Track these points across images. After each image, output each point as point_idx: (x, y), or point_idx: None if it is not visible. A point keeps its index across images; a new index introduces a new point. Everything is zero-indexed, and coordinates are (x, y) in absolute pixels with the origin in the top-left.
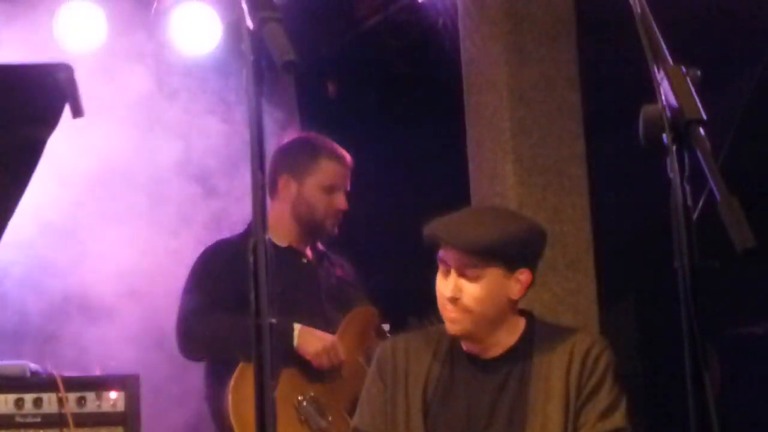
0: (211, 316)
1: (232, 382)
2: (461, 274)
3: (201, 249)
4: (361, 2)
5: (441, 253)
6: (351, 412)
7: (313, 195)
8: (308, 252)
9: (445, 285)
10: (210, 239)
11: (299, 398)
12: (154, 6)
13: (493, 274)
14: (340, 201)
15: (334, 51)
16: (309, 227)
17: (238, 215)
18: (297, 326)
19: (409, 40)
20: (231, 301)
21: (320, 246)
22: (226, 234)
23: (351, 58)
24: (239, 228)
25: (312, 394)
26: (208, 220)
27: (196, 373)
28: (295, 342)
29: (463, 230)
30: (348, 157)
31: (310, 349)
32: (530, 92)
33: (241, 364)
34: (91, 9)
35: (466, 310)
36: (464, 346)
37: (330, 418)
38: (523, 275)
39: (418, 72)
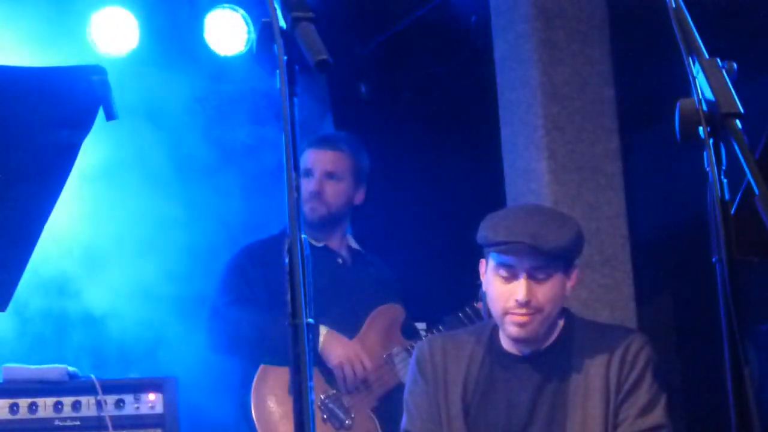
0: (239, 315)
1: (254, 383)
2: (531, 276)
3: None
4: (393, 2)
5: (508, 258)
6: (376, 410)
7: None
8: (344, 252)
9: (511, 290)
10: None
11: (322, 397)
12: (187, 10)
13: (558, 275)
14: (311, 183)
15: (367, 51)
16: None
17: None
18: (324, 329)
19: (442, 40)
20: (261, 301)
21: (355, 245)
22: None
23: (383, 58)
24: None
25: (334, 392)
26: (243, 222)
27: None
28: (320, 346)
29: (541, 233)
30: (335, 142)
31: (333, 357)
32: (563, 89)
33: (262, 366)
34: (124, 14)
35: (538, 311)
36: (510, 345)
37: (354, 416)
38: (575, 273)
39: (450, 71)
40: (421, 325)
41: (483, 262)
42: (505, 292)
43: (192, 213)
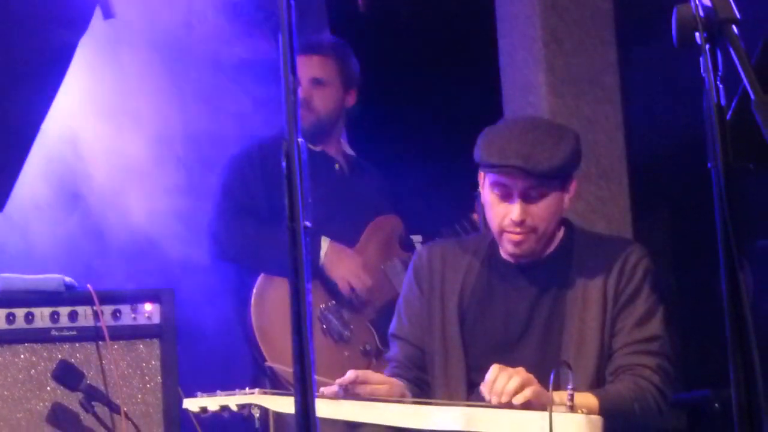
0: (240, 222)
1: (254, 294)
2: (525, 195)
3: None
4: None
5: (501, 178)
6: (374, 322)
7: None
8: (340, 158)
9: (506, 209)
10: None
11: (321, 307)
12: None
13: (554, 192)
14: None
15: None
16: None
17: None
18: (326, 241)
19: None
20: (261, 207)
21: (350, 150)
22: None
23: None
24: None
25: (334, 303)
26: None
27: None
28: (322, 259)
29: (532, 155)
30: (320, 46)
31: (336, 271)
32: (561, 1)
33: (261, 276)
34: None
35: (532, 230)
36: (508, 255)
37: (352, 327)
38: (572, 185)
39: None
40: (417, 238)
41: (482, 174)
42: (500, 210)
43: (187, 129)
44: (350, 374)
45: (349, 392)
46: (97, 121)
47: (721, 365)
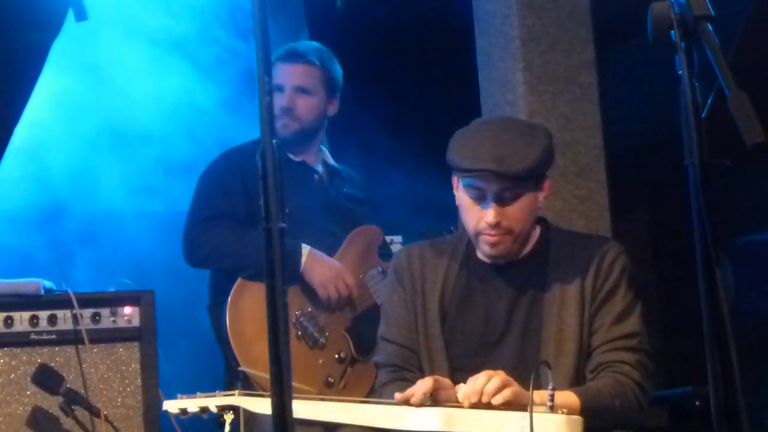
0: (218, 226)
1: (230, 297)
2: (499, 198)
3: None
4: None
5: (475, 182)
6: (350, 330)
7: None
8: (320, 168)
9: (481, 212)
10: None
11: (296, 314)
12: None
13: (527, 193)
14: (281, 99)
15: None
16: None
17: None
18: (306, 248)
19: None
20: (240, 210)
21: (330, 160)
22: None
23: None
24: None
25: (309, 310)
26: (218, 138)
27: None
28: (302, 266)
29: (505, 158)
30: (305, 54)
31: (316, 277)
32: (538, 0)
33: (239, 279)
34: None
35: (508, 232)
36: (485, 256)
37: (327, 334)
38: (546, 184)
39: None
40: (396, 238)
41: (455, 177)
42: (475, 213)
43: (166, 129)
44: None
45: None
46: (71, 121)
47: (702, 362)
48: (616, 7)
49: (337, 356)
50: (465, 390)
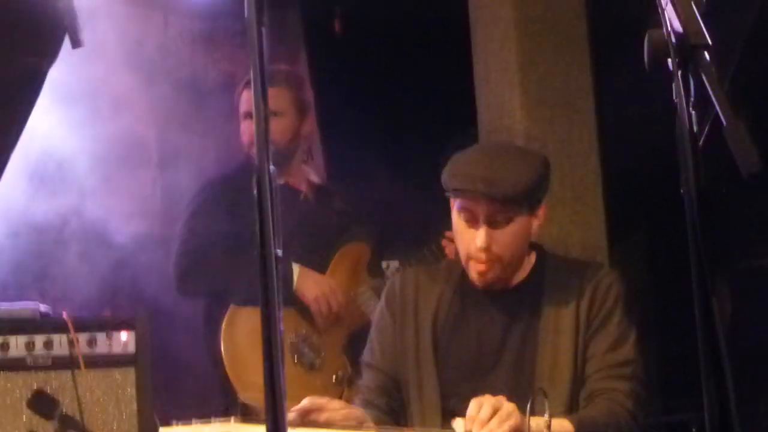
0: (207, 255)
1: (223, 325)
2: (491, 221)
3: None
4: None
5: (466, 203)
6: (345, 349)
7: (242, 126)
8: (304, 187)
9: (472, 235)
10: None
11: (291, 337)
12: None
13: (520, 217)
14: (251, 126)
15: None
16: (245, 157)
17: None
18: (296, 267)
19: None
20: (228, 238)
21: (315, 178)
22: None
23: None
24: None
25: (304, 332)
26: (216, 161)
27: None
28: (294, 284)
29: (496, 179)
30: (271, 78)
31: (309, 294)
32: (536, 24)
33: (231, 307)
34: None
35: (498, 259)
36: (477, 283)
37: (323, 355)
38: (541, 210)
39: (424, 7)
40: (394, 264)
41: (451, 201)
42: (467, 236)
43: (165, 153)
44: (305, 401)
45: (305, 420)
46: (71, 143)
47: (698, 389)
48: (614, 33)
49: (334, 377)
50: (459, 424)
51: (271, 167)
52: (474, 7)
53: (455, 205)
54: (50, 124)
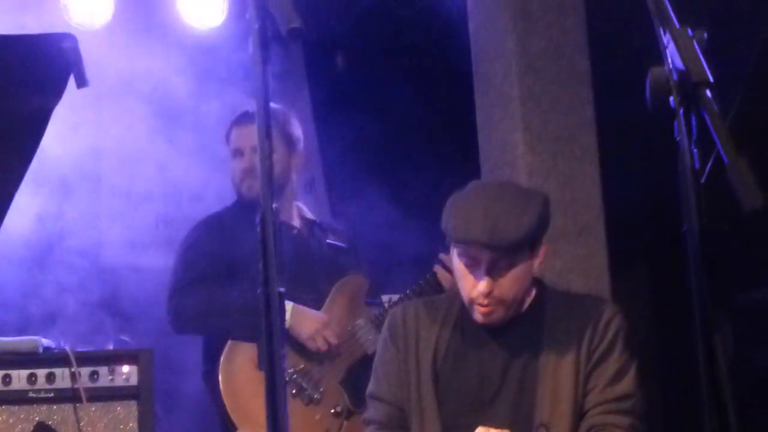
0: (202, 292)
1: (222, 360)
2: (492, 268)
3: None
4: None
5: (469, 250)
6: (343, 382)
7: (232, 163)
8: (297, 223)
9: (474, 280)
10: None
11: (290, 371)
12: None
13: (523, 260)
14: (242, 161)
15: (343, 22)
16: (238, 195)
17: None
18: (289, 305)
19: (418, 10)
20: (221, 276)
21: (309, 215)
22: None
23: (359, 29)
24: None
25: (302, 366)
26: (217, 195)
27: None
28: (288, 322)
29: (498, 229)
30: (252, 116)
31: (303, 332)
32: (538, 60)
33: (229, 342)
34: None
35: (501, 301)
36: (484, 323)
37: (322, 389)
38: (542, 250)
39: (427, 42)
40: (386, 298)
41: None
42: (469, 281)
43: (165, 186)
44: None
45: None
46: (75, 176)
47: (701, 423)
48: (616, 67)
49: (333, 410)
50: None
51: (276, 205)
52: (475, 42)
53: (455, 250)
54: (54, 154)
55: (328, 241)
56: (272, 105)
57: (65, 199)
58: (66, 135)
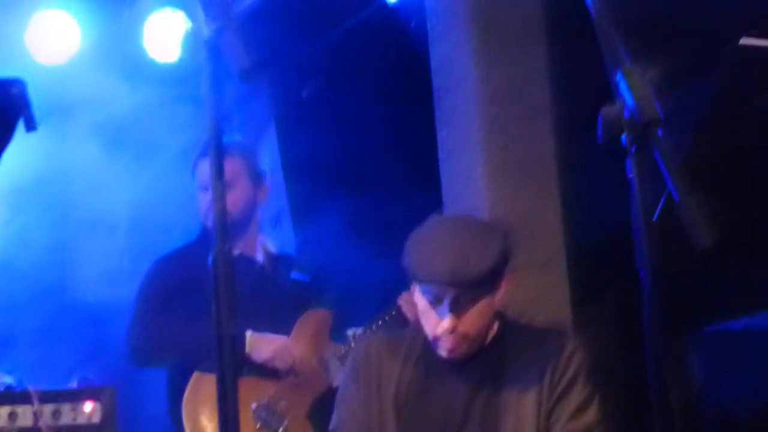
0: (161, 326)
1: (186, 393)
2: (456, 304)
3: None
4: (333, 6)
5: (432, 287)
6: (309, 415)
7: (198, 197)
8: (260, 257)
9: (438, 318)
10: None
11: (254, 406)
12: (126, 14)
13: (486, 295)
14: (208, 195)
15: (309, 53)
16: (202, 228)
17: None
18: (248, 333)
19: (382, 43)
20: (181, 312)
21: (271, 248)
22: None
23: (325, 63)
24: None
25: (267, 399)
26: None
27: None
28: (248, 349)
29: (460, 267)
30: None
31: (262, 353)
32: (500, 94)
33: (195, 374)
34: (64, 18)
35: (465, 337)
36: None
37: (286, 423)
38: (503, 283)
39: (391, 74)
40: (351, 332)
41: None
42: (432, 317)
43: (133, 217)
44: None
45: None
46: (40, 208)
47: None
48: (577, 103)
49: None
50: None
51: (229, 246)
52: (437, 74)
53: (418, 287)
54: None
55: (291, 276)
56: (238, 139)
57: (31, 230)
58: (32, 165)
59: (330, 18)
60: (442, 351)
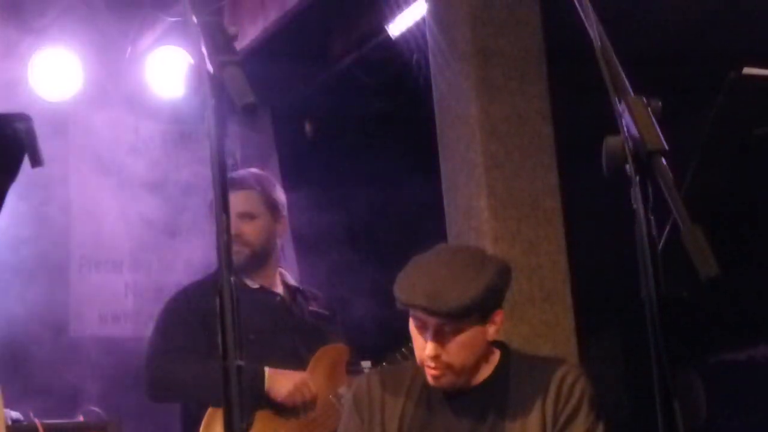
0: (180, 361)
1: (201, 427)
2: (438, 332)
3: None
4: (335, 41)
5: (416, 313)
6: None
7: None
8: (280, 289)
9: (423, 343)
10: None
11: None
12: (129, 51)
13: (472, 326)
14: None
15: (311, 90)
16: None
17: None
18: (267, 370)
19: (384, 78)
20: (200, 345)
21: (292, 282)
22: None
23: (327, 97)
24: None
25: None
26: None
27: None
28: (266, 386)
29: (438, 295)
30: (243, 181)
31: (281, 391)
32: (502, 126)
33: (210, 408)
34: (67, 56)
35: (449, 367)
36: (435, 386)
37: None
38: (498, 316)
39: (393, 108)
40: (366, 364)
41: None
42: (419, 343)
43: (138, 253)
44: None
45: None
46: (44, 245)
47: None
48: (579, 133)
49: None
50: None
51: (233, 278)
52: (439, 109)
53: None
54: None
55: (310, 308)
56: (256, 171)
57: (33, 271)
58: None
59: (332, 54)
60: (429, 378)
